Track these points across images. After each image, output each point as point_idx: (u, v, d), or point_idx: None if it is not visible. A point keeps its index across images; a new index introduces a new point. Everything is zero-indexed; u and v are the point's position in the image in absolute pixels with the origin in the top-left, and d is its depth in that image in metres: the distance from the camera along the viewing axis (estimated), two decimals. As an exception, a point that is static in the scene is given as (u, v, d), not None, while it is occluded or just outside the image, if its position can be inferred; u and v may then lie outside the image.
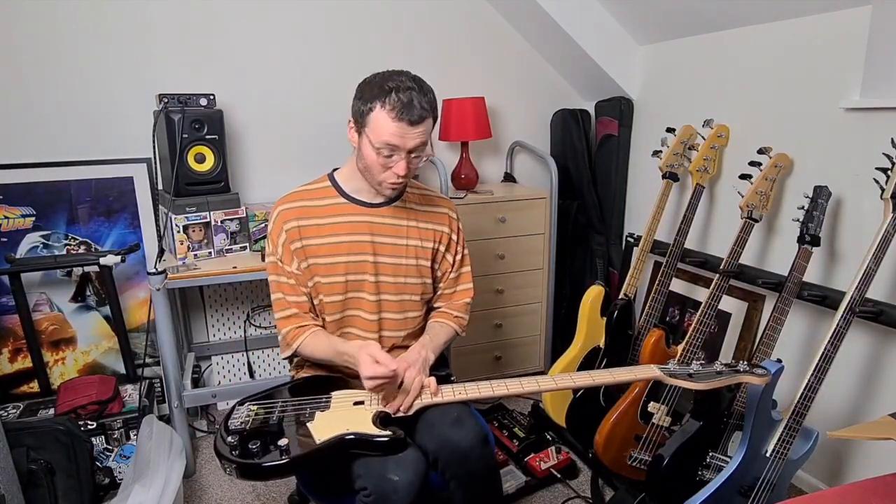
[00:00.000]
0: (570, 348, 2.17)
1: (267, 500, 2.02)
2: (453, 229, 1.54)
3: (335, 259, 1.43)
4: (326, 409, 1.31)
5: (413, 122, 1.27)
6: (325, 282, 1.43)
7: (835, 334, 1.44)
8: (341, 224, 1.44)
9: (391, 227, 1.46)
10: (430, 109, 1.30)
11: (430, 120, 1.31)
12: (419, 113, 1.27)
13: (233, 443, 1.20)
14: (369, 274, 1.44)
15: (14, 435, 1.68)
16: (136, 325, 2.38)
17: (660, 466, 1.60)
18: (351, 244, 1.43)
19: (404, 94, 1.26)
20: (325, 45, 2.46)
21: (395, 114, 1.26)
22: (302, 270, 1.44)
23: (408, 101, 1.26)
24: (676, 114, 2.31)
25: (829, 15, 1.74)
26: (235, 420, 1.27)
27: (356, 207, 1.45)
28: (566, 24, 2.41)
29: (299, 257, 1.43)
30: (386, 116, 1.27)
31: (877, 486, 1.11)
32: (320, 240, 1.43)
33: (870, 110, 1.67)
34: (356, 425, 1.25)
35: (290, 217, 1.43)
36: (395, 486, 1.20)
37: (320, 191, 1.47)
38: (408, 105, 1.26)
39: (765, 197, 1.81)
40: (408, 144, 1.29)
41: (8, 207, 2.18)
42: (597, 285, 2.15)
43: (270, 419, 1.28)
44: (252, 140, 2.45)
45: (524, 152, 2.88)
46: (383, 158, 1.31)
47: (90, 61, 2.20)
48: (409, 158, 1.31)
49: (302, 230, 1.43)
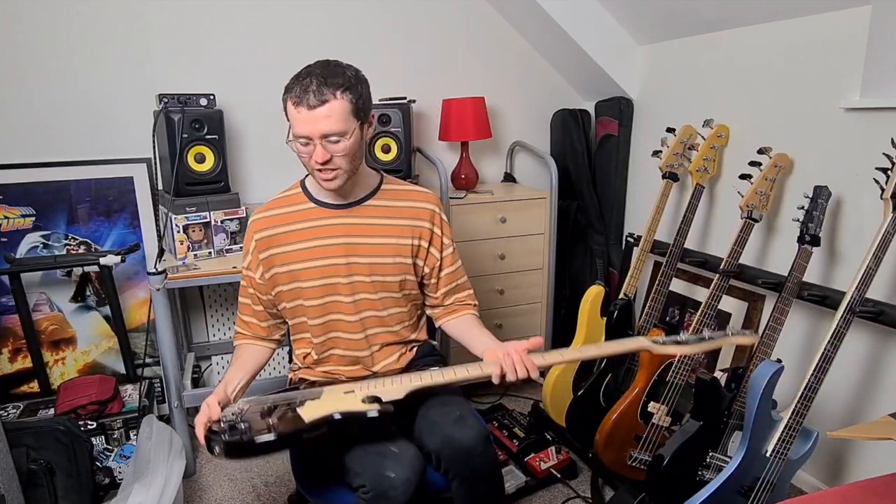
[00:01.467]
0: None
1: (267, 500, 2.02)
2: (435, 223, 1.52)
3: (308, 264, 1.43)
4: (317, 398, 1.31)
5: (311, 107, 1.25)
6: (305, 286, 1.44)
7: (835, 334, 1.44)
8: (311, 229, 1.44)
9: (365, 226, 1.45)
10: (332, 91, 1.26)
11: (336, 102, 1.26)
12: (316, 97, 1.25)
13: (223, 427, 1.21)
14: (342, 276, 1.44)
15: (14, 435, 1.69)
16: (136, 325, 2.38)
17: (660, 466, 1.60)
18: (322, 248, 1.43)
19: (304, 81, 1.26)
20: (325, 45, 2.46)
21: (293, 103, 1.27)
22: (265, 280, 1.46)
23: (305, 87, 1.25)
24: (676, 114, 2.31)
25: (829, 15, 1.74)
26: (227, 412, 1.27)
27: (325, 211, 1.45)
28: (566, 24, 2.41)
29: (264, 267, 1.45)
30: (292, 108, 1.28)
31: (877, 486, 1.11)
32: (291, 246, 1.44)
33: (870, 110, 1.67)
34: (345, 406, 1.25)
35: (261, 227, 1.46)
36: (392, 482, 1.20)
37: (291, 198, 1.49)
38: (304, 91, 1.25)
39: (765, 197, 1.81)
40: (315, 131, 1.27)
41: (8, 207, 2.18)
42: (597, 285, 2.15)
43: (262, 409, 1.28)
44: (252, 140, 2.45)
45: (524, 152, 2.88)
46: (304, 149, 1.31)
47: (90, 61, 2.20)
48: (326, 145, 1.28)
49: (271, 239, 1.44)
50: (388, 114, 2.26)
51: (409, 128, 2.31)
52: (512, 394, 2.67)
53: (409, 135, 2.31)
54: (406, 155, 2.31)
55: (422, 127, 2.66)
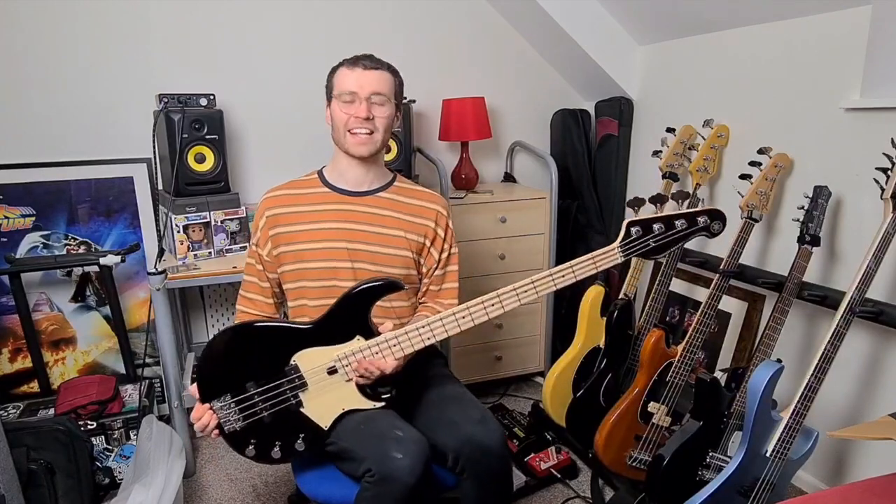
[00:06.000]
0: (570, 348, 2.16)
1: (267, 500, 2.02)
2: (441, 225, 1.54)
3: (314, 245, 1.46)
4: (304, 387, 1.29)
5: (367, 67, 1.41)
6: (309, 267, 1.46)
7: (835, 334, 1.44)
8: (321, 212, 1.48)
9: (373, 216, 1.48)
10: (387, 67, 1.45)
11: (389, 75, 1.45)
12: (374, 61, 1.43)
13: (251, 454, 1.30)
14: (346, 261, 1.46)
15: (14, 435, 1.69)
16: (136, 325, 2.38)
17: (660, 466, 1.60)
18: (329, 231, 1.46)
19: (360, 55, 1.45)
20: (325, 45, 2.46)
21: (349, 66, 1.43)
22: (272, 257, 1.49)
23: (362, 56, 1.44)
24: (676, 114, 2.31)
25: (829, 15, 1.74)
26: (227, 424, 1.30)
27: (338, 196, 1.49)
28: (566, 24, 2.41)
29: (273, 244, 1.48)
30: (344, 69, 1.43)
31: (877, 486, 1.11)
32: (300, 226, 1.47)
33: (870, 110, 1.67)
34: (349, 402, 1.31)
35: (272, 204, 1.49)
36: (398, 464, 1.21)
37: (307, 181, 1.54)
38: (361, 57, 1.43)
39: (765, 197, 1.81)
40: (365, 89, 1.40)
41: (8, 207, 2.18)
42: (597, 285, 2.15)
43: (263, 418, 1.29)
44: (252, 140, 2.45)
45: (524, 152, 2.88)
46: (345, 106, 1.42)
47: (90, 61, 2.20)
48: (371, 106, 1.41)
49: (280, 217, 1.48)
50: (388, 114, 2.26)
51: (409, 128, 2.31)
52: (512, 394, 2.67)
53: (409, 135, 2.31)
54: (406, 155, 2.31)
55: (422, 127, 2.66)
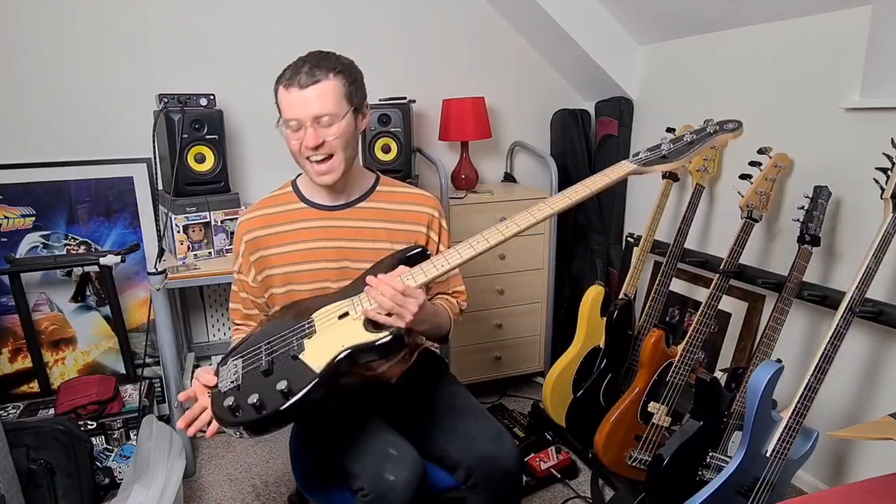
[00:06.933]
0: (570, 348, 2.17)
1: (267, 500, 2.02)
2: (433, 228, 1.45)
3: (301, 267, 1.38)
4: (313, 333, 1.21)
5: (304, 85, 1.24)
6: (300, 289, 1.38)
7: (835, 334, 1.43)
8: (300, 231, 1.39)
9: (356, 230, 1.39)
10: (324, 72, 1.25)
11: (328, 83, 1.25)
12: (308, 77, 1.24)
13: (231, 405, 1.11)
14: (331, 281, 1.38)
15: (14, 435, 1.69)
16: (136, 325, 2.38)
17: (660, 466, 1.60)
18: (314, 251, 1.38)
19: (295, 66, 1.27)
20: (325, 44, 2.40)
21: (285, 85, 1.26)
22: (258, 283, 1.41)
23: (296, 70, 1.26)
24: (676, 114, 2.31)
25: (829, 15, 1.74)
26: (225, 381, 1.18)
27: (315, 212, 1.40)
28: (566, 24, 2.41)
29: (256, 269, 1.40)
30: (283, 91, 1.27)
31: (877, 486, 1.11)
32: (284, 247, 1.38)
33: (870, 110, 1.67)
34: (349, 339, 1.15)
35: (249, 228, 1.40)
36: (392, 485, 1.20)
37: (280, 197, 1.43)
38: (295, 73, 1.25)
39: (765, 197, 1.81)
40: (307, 112, 1.25)
41: (8, 207, 2.18)
42: (597, 285, 2.16)
43: (260, 365, 1.18)
44: (252, 140, 2.45)
45: (524, 152, 2.88)
46: (294, 134, 1.28)
47: (90, 61, 2.20)
48: (318, 128, 1.26)
49: (261, 240, 1.39)
50: (388, 114, 2.26)
51: (409, 128, 2.31)
52: (512, 394, 2.67)
53: (409, 135, 2.31)
54: (406, 155, 2.31)
55: (422, 127, 2.66)
